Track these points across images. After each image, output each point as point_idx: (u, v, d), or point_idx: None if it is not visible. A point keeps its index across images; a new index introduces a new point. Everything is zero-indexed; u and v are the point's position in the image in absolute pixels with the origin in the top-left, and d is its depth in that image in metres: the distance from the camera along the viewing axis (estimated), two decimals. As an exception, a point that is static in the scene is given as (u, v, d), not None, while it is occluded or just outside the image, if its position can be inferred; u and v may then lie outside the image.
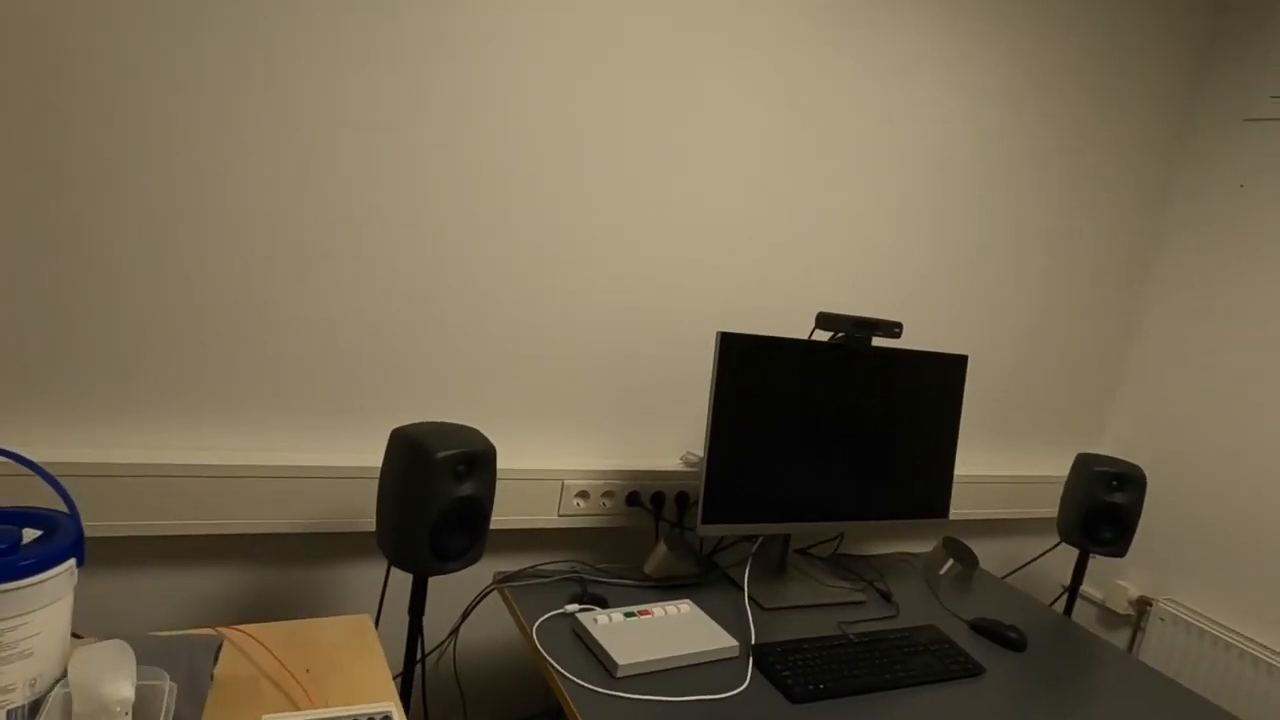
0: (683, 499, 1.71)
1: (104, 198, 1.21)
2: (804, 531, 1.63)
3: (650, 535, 1.75)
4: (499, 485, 1.54)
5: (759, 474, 1.55)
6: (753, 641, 1.41)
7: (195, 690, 0.89)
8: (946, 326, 1.99)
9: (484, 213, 1.46)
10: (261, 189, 1.30)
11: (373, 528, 1.45)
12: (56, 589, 0.85)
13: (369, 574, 1.50)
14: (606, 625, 1.34)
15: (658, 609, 1.41)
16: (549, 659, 1.26)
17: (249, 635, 1.06)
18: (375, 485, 1.43)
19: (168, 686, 0.80)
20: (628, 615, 1.38)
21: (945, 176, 1.88)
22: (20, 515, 0.88)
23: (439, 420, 1.46)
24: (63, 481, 1.19)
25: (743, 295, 1.72)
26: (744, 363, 1.51)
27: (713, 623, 1.40)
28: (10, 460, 0.88)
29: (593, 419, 1.65)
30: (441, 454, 1.20)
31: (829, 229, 1.78)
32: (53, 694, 0.78)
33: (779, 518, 1.58)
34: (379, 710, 0.89)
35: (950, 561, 1.84)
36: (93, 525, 1.23)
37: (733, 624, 1.46)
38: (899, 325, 1.58)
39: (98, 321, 1.24)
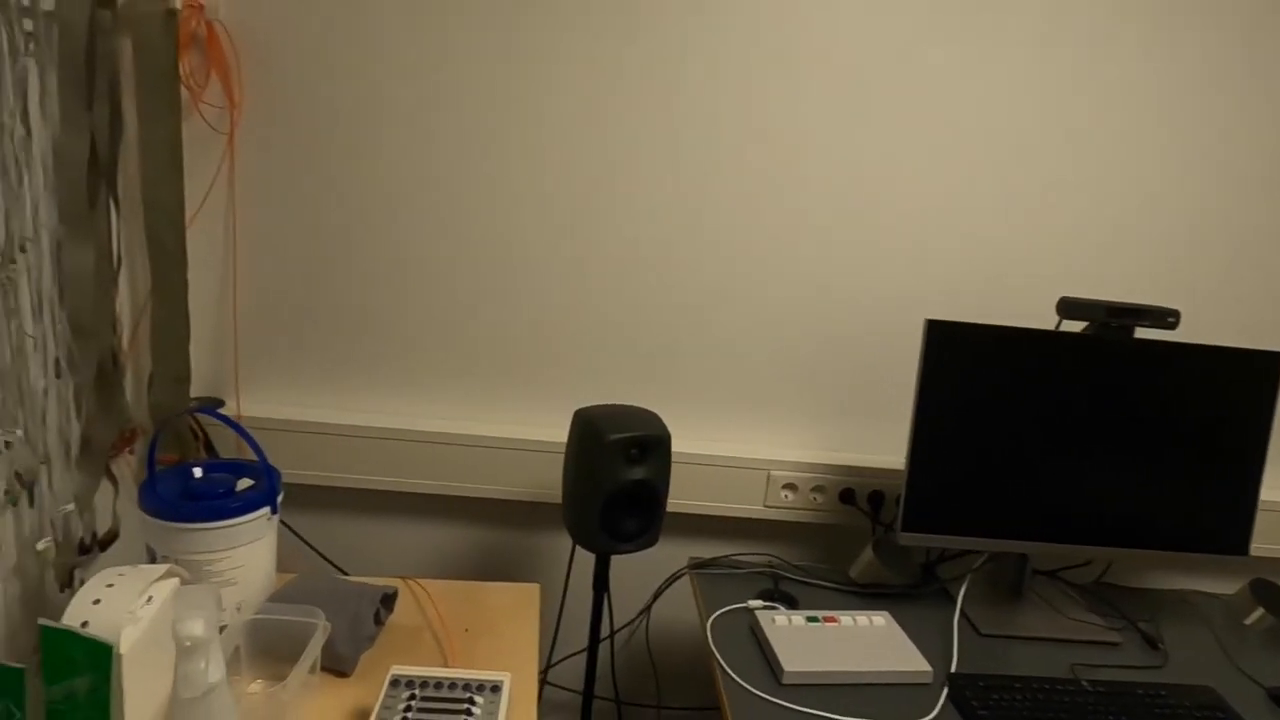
0: (903, 501, 1.56)
1: (341, 199, 1.40)
2: (1045, 553, 1.39)
3: (864, 537, 1.62)
4: (702, 472, 1.52)
5: (977, 482, 1.36)
6: (952, 669, 1.25)
7: (357, 633, 1.01)
8: (1263, 318, 1.56)
9: (685, 200, 1.44)
10: (480, 187, 1.41)
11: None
12: (256, 530, 1.01)
13: (563, 542, 1.59)
14: (784, 627, 1.27)
15: (847, 617, 1.31)
16: (715, 652, 1.23)
17: (424, 590, 1.17)
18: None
19: (320, 625, 0.92)
20: (810, 620, 1.29)
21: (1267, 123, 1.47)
22: (238, 466, 1.07)
23: (628, 404, 1.49)
24: (307, 439, 1.42)
25: (979, 278, 1.51)
26: (959, 354, 1.32)
27: (907, 641, 1.26)
28: (218, 419, 1.06)
29: (805, 409, 1.56)
30: (613, 436, 1.22)
31: (1110, 200, 1.49)
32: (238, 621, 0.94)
33: (1006, 534, 1.38)
34: (493, 678, 0.93)
35: (1260, 611, 1.46)
36: (336, 477, 1.46)
37: (936, 646, 1.30)
38: (1174, 314, 1.28)
39: (350, 312, 1.45)
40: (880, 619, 1.31)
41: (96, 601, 0.79)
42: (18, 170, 0.99)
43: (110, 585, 0.81)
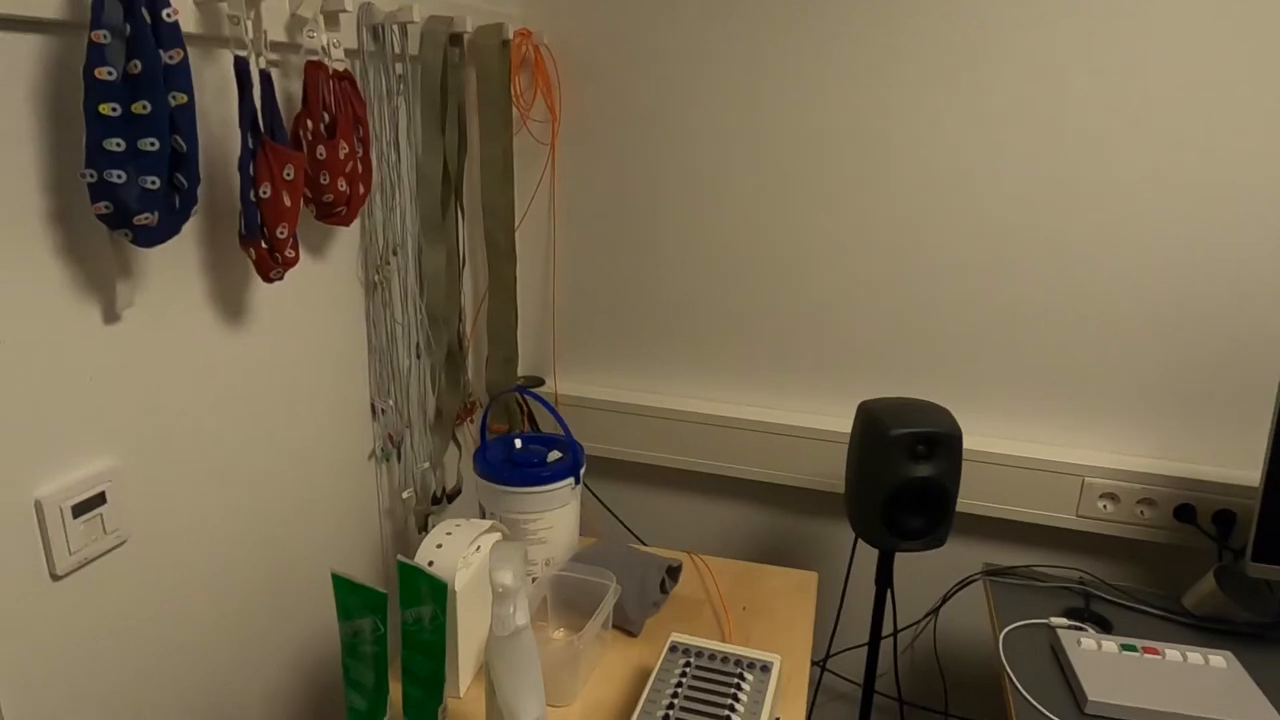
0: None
1: (646, 200, 1.51)
2: None
3: (1204, 561, 1.40)
4: (1002, 473, 1.42)
5: (1366, 510, 1.11)
6: (1317, 733, 1.04)
7: (644, 598, 1.11)
8: None
9: (984, 181, 1.35)
10: (772, 184, 1.45)
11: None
12: (563, 497, 1.15)
13: (845, 533, 1.57)
14: (1092, 651, 1.15)
15: (1174, 651, 1.15)
16: (1007, 668, 1.15)
17: (706, 566, 1.24)
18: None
19: (612, 587, 1.02)
20: (1125, 648, 1.16)
21: None
22: (549, 440, 1.22)
23: (918, 397, 1.43)
24: (612, 416, 1.57)
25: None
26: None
27: (1256, 689, 1.08)
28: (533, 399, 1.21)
29: (1131, 410, 1.38)
30: (896, 431, 1.19)
31: None
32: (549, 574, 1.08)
33: None
34: (765, 658, 0.97)
35: None
36: (636, 452, 1.59)
37: (1295, 702, 1.09)
38: None
39: (653, 303, 1.57)
40: (1220, 659, 1.13)
41: (439, 546, 0.96)
42: (391, 189, 1.22)
43: (449, 534, 0.98)
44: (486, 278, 1.50)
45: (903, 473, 1.19)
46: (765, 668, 0.95)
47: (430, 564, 0.95)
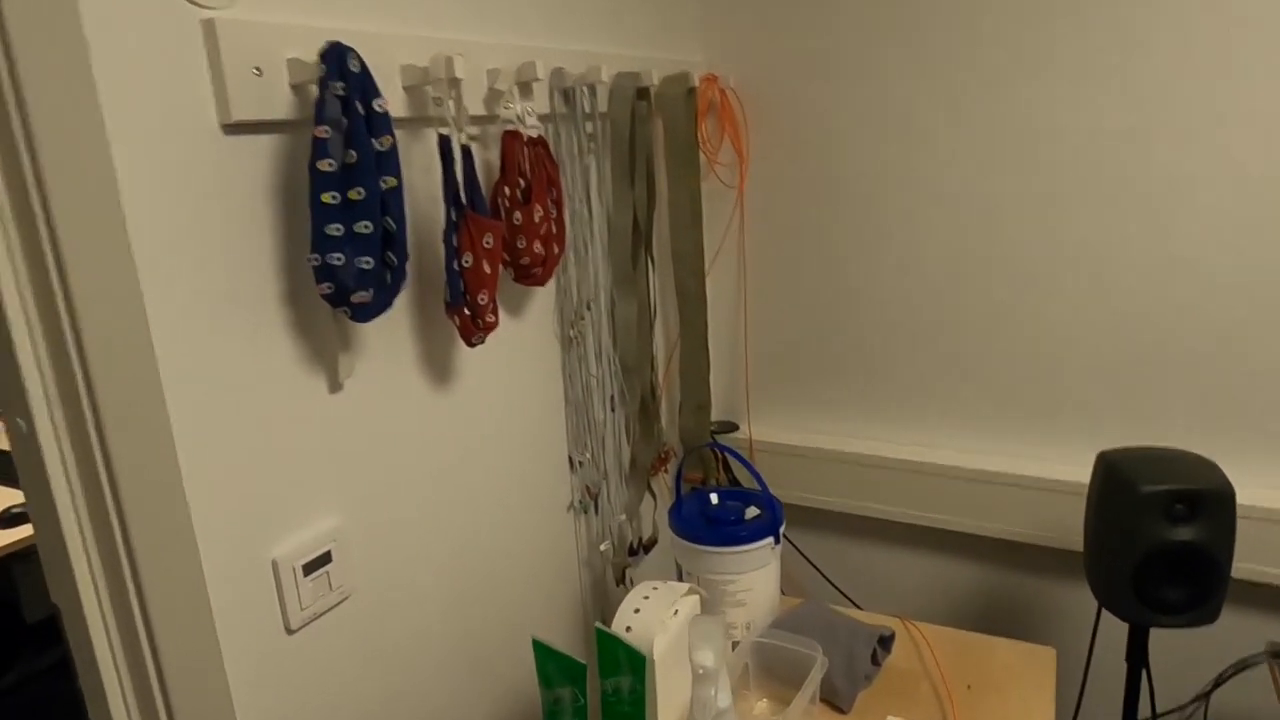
0: None
1: (838, 239, 1.44)
2: None
3: None
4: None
5: None
6: None
7: (853, 670, 1.02)
8: None
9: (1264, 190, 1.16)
10: (982, 214, 1.33)
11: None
12: (762, 558, 1.09)
13: (1086, 600, 1.38)
14: None
15: None
16: (1310, 779, 0.95)
17: (922, 634, 1.13)
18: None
19: (819, 660, 0.95)
20: None
21: None
22: (746, 495, 1.17)
23: (1171, 447, 1.23)
24: (811, 463, 1.49)
25: None
26: None
27: None
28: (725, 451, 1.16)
29: None
30: (1148, 488, 1.04)
31: None
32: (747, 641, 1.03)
33: None
34: (999, 753, 0.85)
35: None
36: (838, 501, 1.51)
37: None
38: None
39: (849, 344, 1.49)
40: None
41: (637, 610, 0.94)
42: (584, 245, 1.24)
43: (646, 597, 0.96)
44: (677, 325, 1.49)
45: (1157, 537, 1.03)
46: (1001, 765, 0.84)
47: (628, 629, 0.92)
